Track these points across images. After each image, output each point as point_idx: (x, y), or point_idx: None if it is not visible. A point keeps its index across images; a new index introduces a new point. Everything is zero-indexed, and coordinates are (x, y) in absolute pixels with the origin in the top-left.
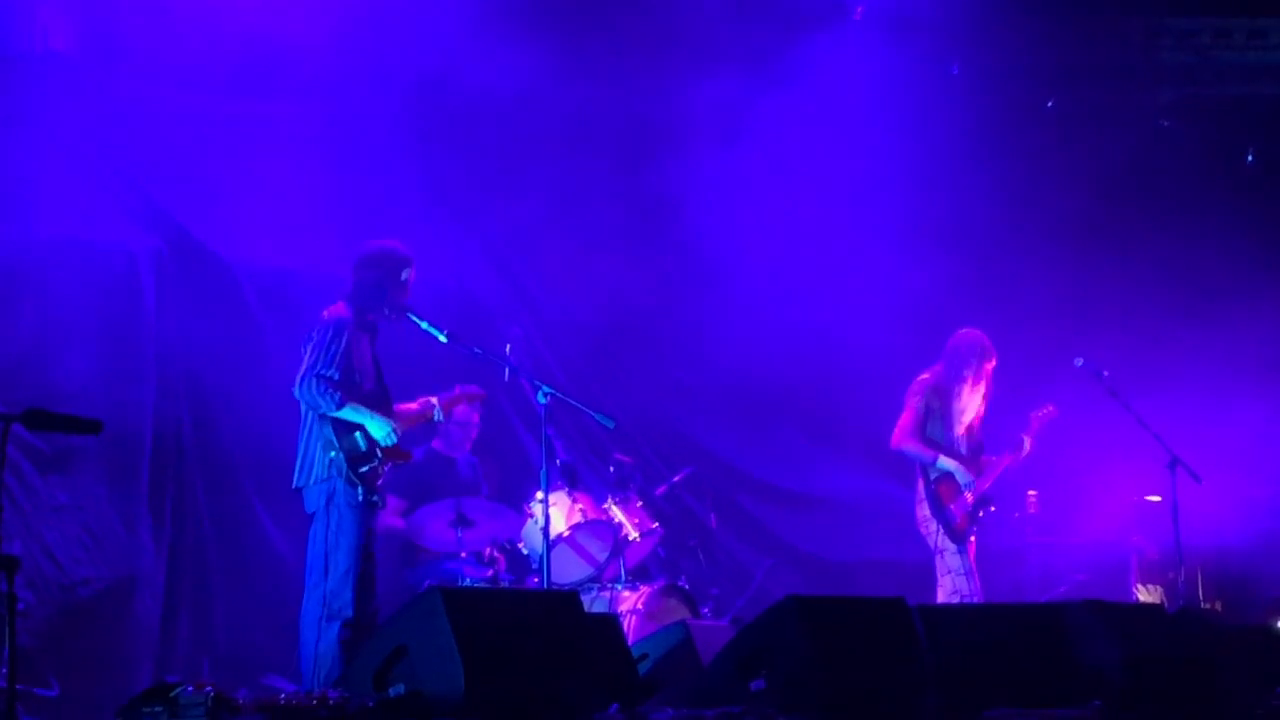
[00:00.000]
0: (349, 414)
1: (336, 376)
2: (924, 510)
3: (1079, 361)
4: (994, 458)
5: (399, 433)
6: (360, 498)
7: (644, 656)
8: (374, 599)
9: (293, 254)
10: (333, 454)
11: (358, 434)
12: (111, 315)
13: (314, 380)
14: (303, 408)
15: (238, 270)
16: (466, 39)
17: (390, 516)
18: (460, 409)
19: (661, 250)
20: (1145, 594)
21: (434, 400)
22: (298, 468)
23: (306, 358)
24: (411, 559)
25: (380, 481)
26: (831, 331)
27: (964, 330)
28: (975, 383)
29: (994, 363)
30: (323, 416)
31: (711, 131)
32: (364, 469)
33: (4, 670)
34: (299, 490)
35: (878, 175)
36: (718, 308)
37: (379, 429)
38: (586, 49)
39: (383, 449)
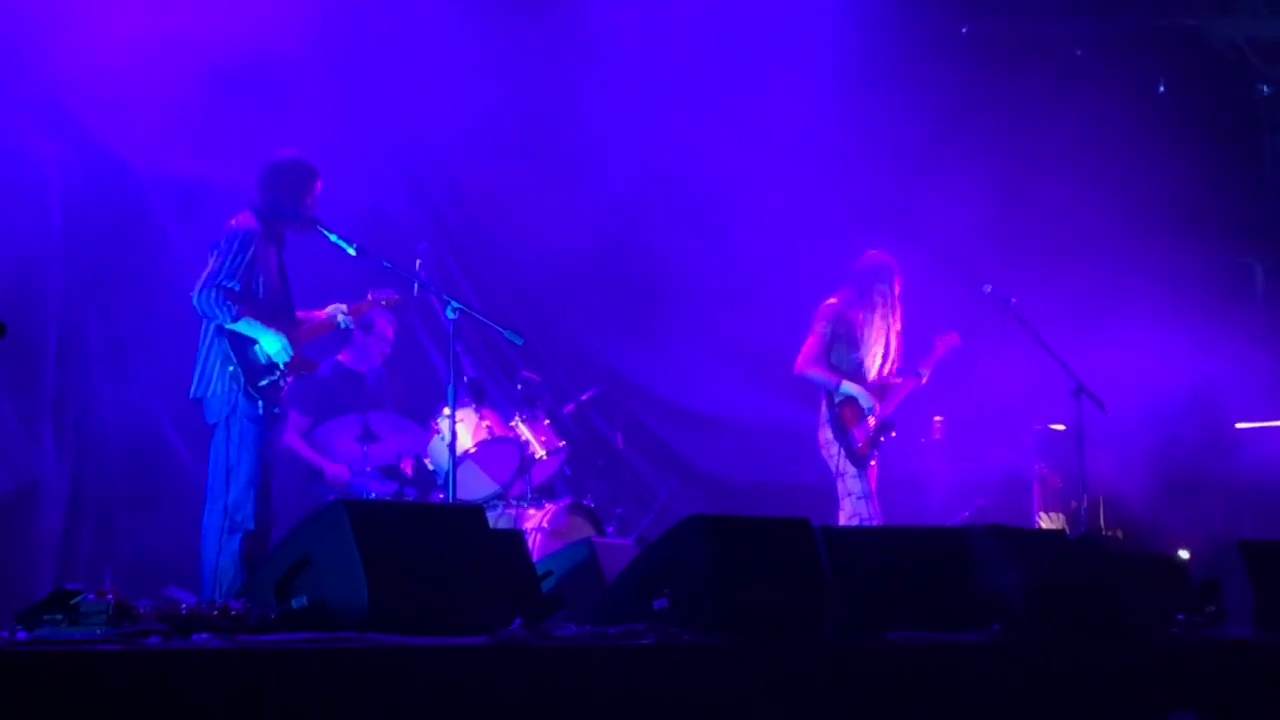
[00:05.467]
0: (243, 327)
1: (237, 288)
2: (826, 434)
3: (988, 288)
4: (897, 382)
5: (293, 348)
6: (261, 411)
7: (548, 574)
8: (269, 511)
9: (206, 167)
10: (231, 368)
11: (256, 348)
12: (17, 222)
13: (214, 291)
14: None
15: (149, 181)
16: None
17: (293, 436)
18: (379, 320)
19: (574, 171)
20: (1048, 521)
21: (343, 307)
22: (196, 378)
23: (209, 265)
24: (317, 474)
25: (284, 394)
26: (744, 255)
27: (868, 252)
28: (881, 305)
29: (899, 284)
30: (220, 329)
31: (624, 54)
32: (263, 383)
33: None
34: (199, 401)
35: (793, 97)
36: (629, 228)
37: (272, 343)
38: None
39: (283, 363)
